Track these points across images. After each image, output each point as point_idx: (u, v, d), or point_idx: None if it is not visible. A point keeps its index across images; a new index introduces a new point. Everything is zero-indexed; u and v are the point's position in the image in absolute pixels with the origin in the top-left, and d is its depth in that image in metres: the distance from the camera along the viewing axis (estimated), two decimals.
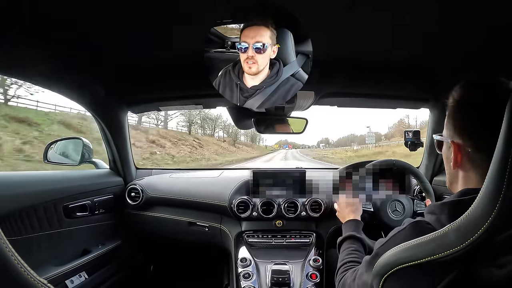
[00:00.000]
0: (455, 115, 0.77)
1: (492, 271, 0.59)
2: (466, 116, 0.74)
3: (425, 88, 1.67)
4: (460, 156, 0.75)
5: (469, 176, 0.75)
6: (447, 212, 0.69)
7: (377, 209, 1.57)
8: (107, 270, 1.78)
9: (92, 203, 1.69)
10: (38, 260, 1.35)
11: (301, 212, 1.77)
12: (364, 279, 0.83)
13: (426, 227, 0.70)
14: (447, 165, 0.83)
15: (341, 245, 1.28)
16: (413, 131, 1.85)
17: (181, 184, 1.99)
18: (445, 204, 0.71)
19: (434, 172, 1.91)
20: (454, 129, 0.77)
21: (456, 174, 0.79)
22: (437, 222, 0.69)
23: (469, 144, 0.73)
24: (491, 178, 0.53)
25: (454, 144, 0.76)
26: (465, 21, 1.07)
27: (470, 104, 0.74)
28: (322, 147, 67.97)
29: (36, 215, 1.35)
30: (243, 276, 1.51)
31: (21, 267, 0.45)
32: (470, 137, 0.73)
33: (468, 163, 0.74)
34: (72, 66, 1.38)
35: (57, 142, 1.83)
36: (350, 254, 1.19)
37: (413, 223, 0.74)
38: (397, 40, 1.28)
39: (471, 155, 0.73)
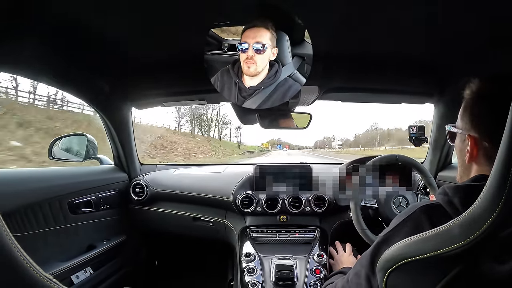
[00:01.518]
0: (472, 108, 0.76)
1: (495, 267, 0.59)
2: (484, 109, 0.73)
3: (430, 83, 1.66)
4: (476, 150, 0.74)
5: (483, 170, 0.73)
6: (460, 196, 0.68)
7: (381, 205, 1.57)
8: (112, 265, 1.80)
9: (97, 199, 1.70)
10: (44, 256, 1.36)
11: (305, 207, 1.77)
12: (367, 273, 0.80)
13: (439, 209, 0.69)
14: (460, 158, 0.82)
15: (331, 277, 1.26)
16: (418, 126, 1.84)
17: (185, 179, 2.00)
18: (459, 187, 0.70)
19: (439, 167, 1.90)
20: (471, 122, 0.75)
21: (470, 168, 0.78)
22: (449, 205, 0.68)
23: (486, 138, 0.72)
24: (495, 173, 0.53)
25: (470, 137, 0.74)
26: (471, 16, 1.07)
27: (488, 98, 0.72)
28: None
29: (42, 211, 1.35)
30: (247, 271, 1.51)
31: (27, 263, 0.46)
32: (487, 131, 0.72)
33: (483, 157, 0.73)
34: (76, 62, 1.38)
35: (61, 138, 1.84)
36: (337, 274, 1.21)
37: (424, 207, 0.73)
38: (402, 35, 1.27)
39: (487, 150, 0.72)
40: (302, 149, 59.38)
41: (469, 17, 1.08)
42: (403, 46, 1.39)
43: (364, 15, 1.11)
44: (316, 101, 1.84)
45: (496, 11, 1.02)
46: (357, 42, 1.36)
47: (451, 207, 0.67)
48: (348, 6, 1.05)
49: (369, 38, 1.31)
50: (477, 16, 1.06)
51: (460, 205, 0.65)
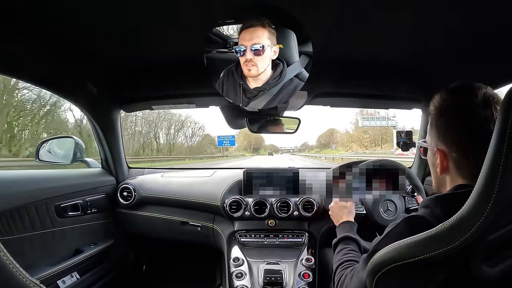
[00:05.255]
0: (437, 122, 0.79)
1: (485, 269, 0.60)
2: (448, 122, 0.76)
3: (418, 89, 1.69)
4: (446, 162, 0.77)
5: (456, 180, 0.76)
6: (441, 206, 0.70)
7: (369, 211, 1.59)
8: (99, 270, 1.77)
9: (84, 202, 1.68)
10: (30, 260, 1.34)
11: (293, 211, 1.77)
12: (361, 277, 0.83)
13: (420, 222, 0.71)
14: (433, 171, 0.85)
15: (337, 246, 1.28)
16: (405, 131, 1.86)
17: (173, 183, 1.99)
18: (439, 197, 0.73)
19: (426, 172, 1.93)
20: (438, 136, 0.79)
21: (443, 179, 0.81)
22: (431, 216, 0.70)
23: (453, 150, 0.75)
24: (483, 178, 0.55)
25: (439, 151, 0.78)
26: (456, 22, 1.09)
27: (449, 111, 0.76)
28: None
29: (28, 215, 1.34)
30: (235, 275, 1.51)
31: (13, 267, 0.45)
32: (453, 143, 0.75)
33: (454, 168, 0.76)
34: (65, 65, 1.37)
35: (49, 141, 1.82)
36: (346, 254, 1.19)
37: (407, 218, 0.75)
38: (390, 41, 1.29)
39: (456, 161, 0.75)
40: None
41: (454, 23, 1.10)
42: (391, 53, 1.41)
43: (353, 21, 1.13)
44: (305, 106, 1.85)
45: (482, 16, 1.04)
46: (346, 48, 1.38)
47: (433, 218, 0.69)
48: (336, 12, 1.06)
49: (357, 44, 1.33)
50: (462, 21, 1.08)
51: (443, 214, 0.66)
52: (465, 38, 1.21)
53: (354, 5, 1.02)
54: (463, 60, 1.37)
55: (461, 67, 1.41)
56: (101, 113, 1.77)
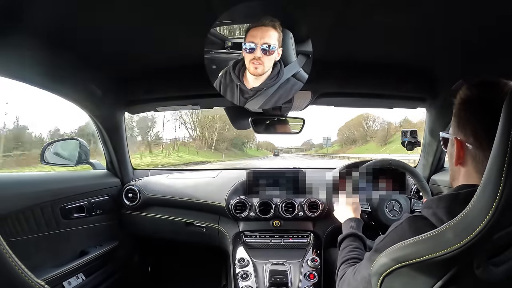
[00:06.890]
0: (459, 113, 0.79)
1: (490, 269, 0.60)
2: (469, 113, 0.76)
3: (422, 88, 1.68)
4: (462, 152, 0.77)
5: (470, 173, 0.76)
6: (444, 206, 0.69)
7: (374, 209, 1.58)
8: (105, 271, 1.78)
9: (89, 204, 1.68)
10: (35, 261, 1.34)
11: (298, 212, 1.76)
12: (363, 274, 0.83)
13: (423, 222, 0.71)
14: (450, 162, 0.85)
15: (342, 243, 1.28)
16: (410, 130, 1.86)
17: (178, 184, 1.99)
18: (441, 198, 0.72)
19: (431, 171, 1.91)
20: (458, 126, 0.79)
21: (458, 171, 0.80)
22: (434, 216, 0.69)
23: (470, 140, 0.74)
24: (488, 176, 0.54)
25: (456, 140, 0.77)
26: (462, 20, 1.08)
27: (473, 103, 0.76)
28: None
29: (34, 216, 1.34)
30: (241, 276, 1.51)
31: (19, 268, 0.45)
32: (471, 134, 0.74)
33: (469, 160, 0.76)
34: (69, 66, 1.37)
35: (54, 143, 1.82)
36: (351, 251, 1.19)
37: (409, 218, 0.76)
38: (394, 40, 1.28)
39: (472, 152, 0.74)
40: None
41: (460, 21, 1.09)
42: (395, 52, 1.40)
43: (356, 20, 1.12)
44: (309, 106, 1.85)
45: (487, 15, 1.04)
46: (350, 48, 1.37)
47: (436, 218, 0.69)
48: (340, 11, 1.06)
49: (361, 43, 1.32)
50: (469, 20, 1.08)
51: (444, 215, 0.66)
52: (470, 37, 1.20)
53: (357, 5, 1.02)
54: (468, 59, 1.36)
55: (466, 66, 1.40)
56: (106, 115, 1.78)
